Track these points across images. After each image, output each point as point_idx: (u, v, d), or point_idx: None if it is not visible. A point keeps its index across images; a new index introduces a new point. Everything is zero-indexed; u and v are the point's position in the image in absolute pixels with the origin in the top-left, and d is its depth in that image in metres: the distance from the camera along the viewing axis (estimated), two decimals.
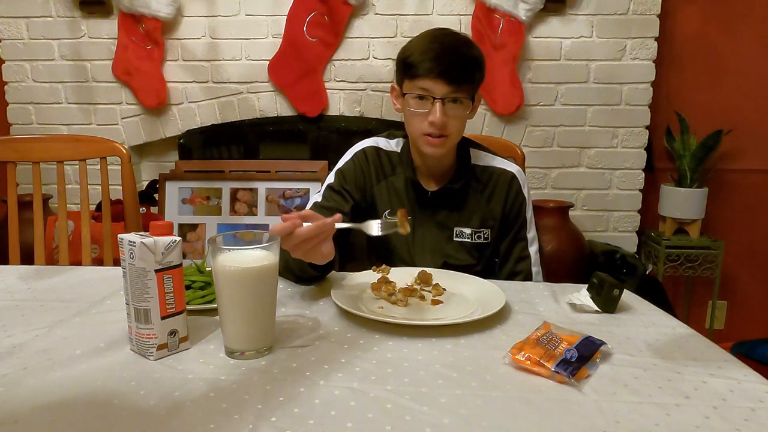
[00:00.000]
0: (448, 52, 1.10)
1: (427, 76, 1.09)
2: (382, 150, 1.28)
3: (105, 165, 1.51)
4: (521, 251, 1.26)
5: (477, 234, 1.24)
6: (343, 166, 1.27)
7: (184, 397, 0.65)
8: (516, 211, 1.25)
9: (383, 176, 1.27)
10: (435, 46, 1.10)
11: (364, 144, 1.30)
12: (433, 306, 0.96)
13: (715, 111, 2.52)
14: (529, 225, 1.27)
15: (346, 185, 1.24)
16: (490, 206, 1.25)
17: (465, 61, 1.11)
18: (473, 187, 1.25)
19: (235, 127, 2.52)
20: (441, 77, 1.09)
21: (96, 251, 1.97)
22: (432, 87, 1.10)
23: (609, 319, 0.92)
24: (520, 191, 1.26)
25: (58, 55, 2.47)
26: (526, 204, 1.26)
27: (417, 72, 1.10)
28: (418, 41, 1.14)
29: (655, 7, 2.34)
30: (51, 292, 1.02)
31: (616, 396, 0.67)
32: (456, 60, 1.10)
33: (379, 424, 0.60)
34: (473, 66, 1.12)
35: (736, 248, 2.59)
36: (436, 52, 1.09)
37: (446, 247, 1.24)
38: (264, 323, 0.78)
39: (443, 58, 1.09)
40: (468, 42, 1.14)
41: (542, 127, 2.46)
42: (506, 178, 1.25)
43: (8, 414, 0.61)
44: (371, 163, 1.26)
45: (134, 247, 0.73)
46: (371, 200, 1.26)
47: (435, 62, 1.08)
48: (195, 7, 2.41)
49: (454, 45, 1.11)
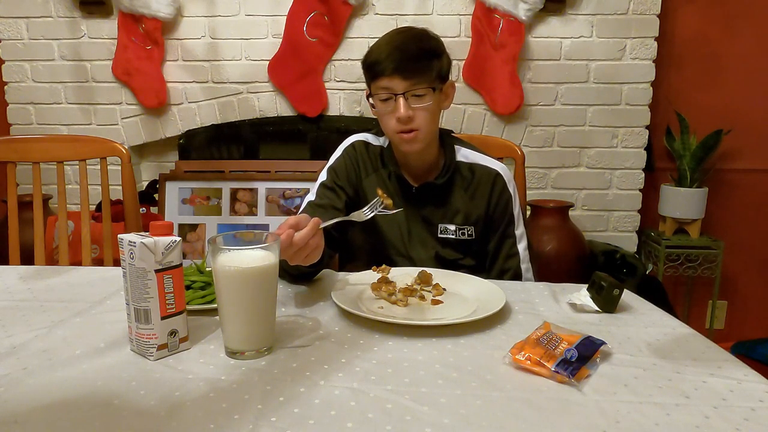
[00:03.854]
0: (400, 49, 1.12)
1: (384, 75, 1.12)
2: (370, 144, 1.30)
3: (105, 165, 1.51)
4: (509, 248, 1.26)
5: (461, 230, 1.26)
6: (335, 162, 1.29)
7: (184, 397, 0.65)
8: (502, 209, 1.26)
9: (372, 170, 1.29)
10: (389, 45, 1.14)
11: (352, 139, 1.33)
12: (433, 306, 0.96)
13: (715, 111, 2.52)
14: (517, 222, 1.27)
15: (338, 181, 1.26)
16: (474, 203, 1.26)
17: (418, 54, 1.13)
18: (457, 183, 1.26)
19: (235, 127, 2.52)
20: (396, 73, 1.11)
21: (96, 251, 1.97)
22: (391, 84, 1.13)
23: (609, 319, 0.92)
24: (505, 188, 1.26)
25: (58, 56, 2.47)
26: (512, 201, 1.26)
27: (376, 72, 1.14)
28: (376, 43, 1.17)
29: (655, 7, 2.34)
30: (51, 293, 1.02)
31: (616, 396, 0.67)
32: (409, 54, 1.12)
33: (379, 424, 0.60)
34: (428, 57, 1.14)
35: (736, 248, 2.59)
36: (389, 50, 1.12)
37: (433, 242, 1.26)
38: (264, 323, 0.78)
39: (396, 55, 1.11)
40: (422, 35, 1.16)
41: (542, 127, 2.46)
42: (490, 175, 1.26)
43: (8, 414, 0.61)
44: (360, 156, 1.29)
45: (134, 247, 0.73)
46: (362, 194, 1.28)
47: (389, 60, 1.11)
48: (195, 7, 2.41)
49: (406, 40, 1.14)
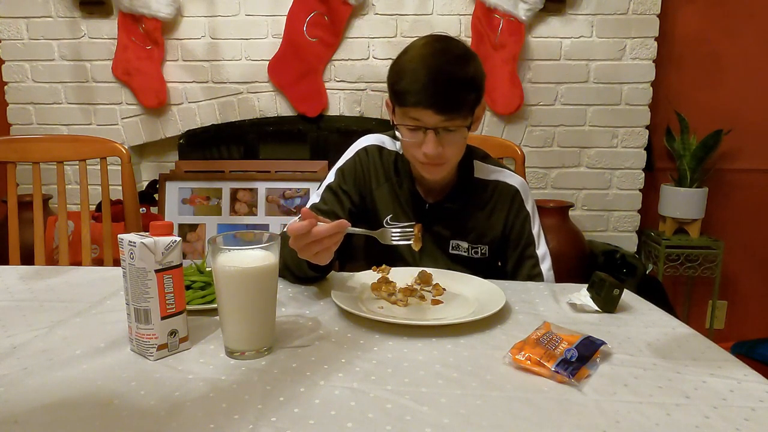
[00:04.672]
0: (437, 79, 1.00)
1: (416, 107, 1.01)
2: (384, 149, 1.23)
3: (105, 165, 1.51)
4: (530, 269, 1.20)
5: (474, 249, 1.21)
6: (344, 164, 1.23)
7: (184, 397, 0.65)
8: (518, 229, 1.20)
9: (384, 179, 1.22)
10: (423, 72, 1.01)
11: (367, 141, 1.24)
12: (433, 306, 0.96)
13: (715, 111, 2.52)
14: (538, 241, 1.21)
15: (344, 185, 1.20)
16: (490, 222, 1.20)
17: (456, 87, 1.01)
18: (473, 202, 1.20)
19: (235, 127, 2.52)
20: (431, 108, 1.00)
21: (96, 251, 1.97)
22: (423, 117, 1.02)
23: (609, 319, 0.92)
24: (522, 207, 1.21)
25: (58, 56, 2.47)
26: (530, 220, 1.21)
27: (406, 102, 1.03)
28: (407, 63, 1.04)
29: (655, 7, 2.34)
30: (51, 292, 1.02)
31: (616, 396, 0.67)
32: (446, 87, 1.00)
33: (379, 424, 0.60)
34: (466, 89, 1.03)
35: (736, 248, 2.59)
36: (424, 81, 1.00)
37: (444, 258, 1.21)
38: (264, 323, 0.78)
39: (431, 87, 1.00)
40: (461, 59, 1.03)
41: (542, 127, 2.46)
42: (508, 193, 1.20)
43: (8, 414, 0.61)
44: (372, 163, 1.22)
45: (134, 247, 0.73)
46: (372, 204, 1.22)
47: (423, 92, 1.00)
48: (195, 7, 2.41)
49: (444, 68, 1.01)
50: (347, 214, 1.18)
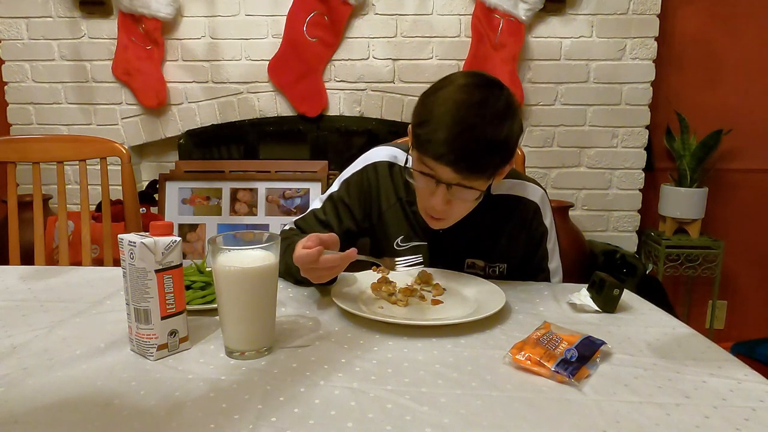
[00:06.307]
0: (464, 136, 0.90)
1: (435, 160, 0.93)
2: (396, 166, 1.15)
3: (105, 165, 1.51)
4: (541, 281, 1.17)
5: (491, 268, 1.16)
6: (351, 176, 1.17)
7: (184, 397, 0.65)
8: (535, 244, 1.17)
9: (395, 198, 1.15)
10: (450, 124, 0.91)
11: (377, 157, 1.17)
12: (433, 306, 0.96)
13: (715, 111, 2.52)
14: (551, 256, 1.18)
15: (347, 198, 1.16)
16: (509, 240, 1.15)
17: (484, 149, 0.91)
18: (490, 222, 1.13)
19: (235, 127, 2.52)
20: (450, 166, 0.92)
21: (96, 251, 1.97)
22: (439, 171, 0.94)
23: (609, 319, 0.92)
24: (541, 223, 1.15)
25: (58, 56, 2.47)
26: (547, 236, 1.17)
27: (425, 150, 0.94)
28: (436, 106, 0.94)
29: (655, 7, 2.34)
30: (51, 293, 1.02)
31: (616, 396, 0.67)
32: (473, 147, 0.91)
33: (379, 424, 0.60)
34: (495, 152, 0.93)
35: (736, 248, 2.59)
36: (448, 135, 0.90)
37: None
38: (264, 323, 0.78)
39: (456, 144, 0.90)
40: (497, 117, 0.92)
41: (542, 127, 2.46)
42: (528, 211, 1.14)
43: (8, 414, 0.61)
44: (381, 182, 1.15)
45: (134, 247, 0.73)
46: (381, 224, 1.17)
47: (445, 147, 0.90)
48: (195, 7, 2.41)
49: (475, 125, 0.91)
50: (343, 230, 1.14)
